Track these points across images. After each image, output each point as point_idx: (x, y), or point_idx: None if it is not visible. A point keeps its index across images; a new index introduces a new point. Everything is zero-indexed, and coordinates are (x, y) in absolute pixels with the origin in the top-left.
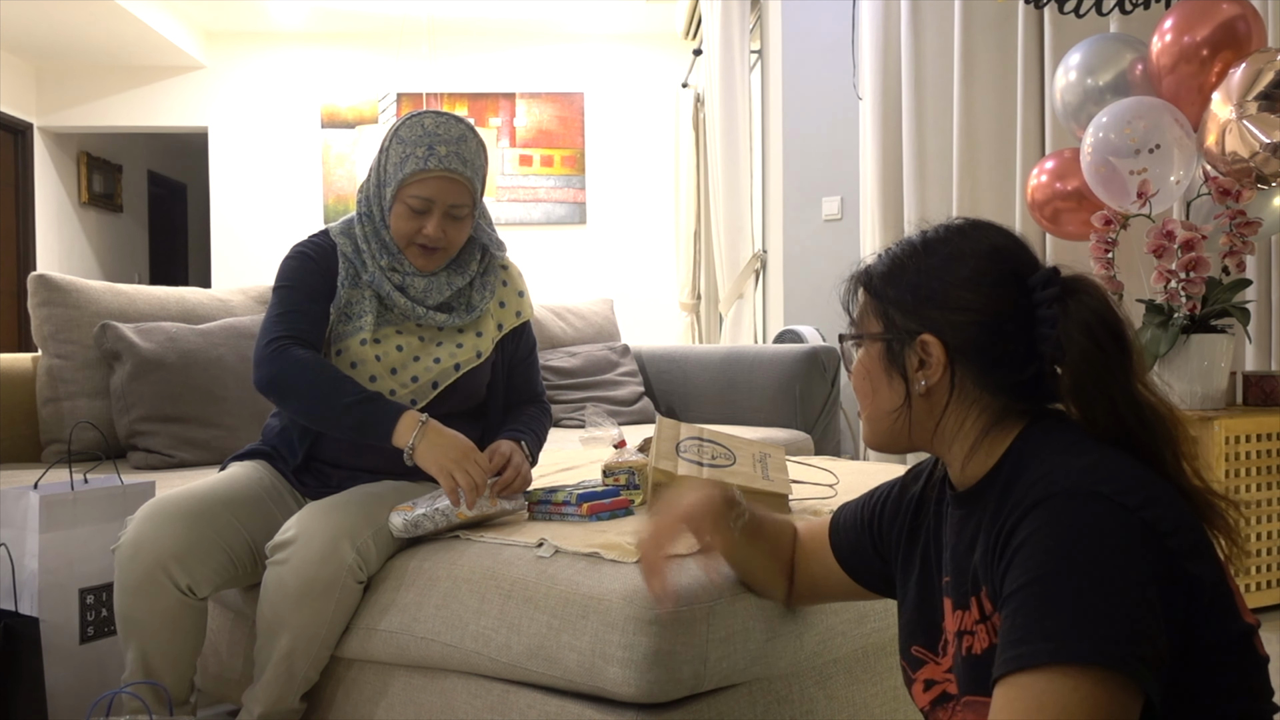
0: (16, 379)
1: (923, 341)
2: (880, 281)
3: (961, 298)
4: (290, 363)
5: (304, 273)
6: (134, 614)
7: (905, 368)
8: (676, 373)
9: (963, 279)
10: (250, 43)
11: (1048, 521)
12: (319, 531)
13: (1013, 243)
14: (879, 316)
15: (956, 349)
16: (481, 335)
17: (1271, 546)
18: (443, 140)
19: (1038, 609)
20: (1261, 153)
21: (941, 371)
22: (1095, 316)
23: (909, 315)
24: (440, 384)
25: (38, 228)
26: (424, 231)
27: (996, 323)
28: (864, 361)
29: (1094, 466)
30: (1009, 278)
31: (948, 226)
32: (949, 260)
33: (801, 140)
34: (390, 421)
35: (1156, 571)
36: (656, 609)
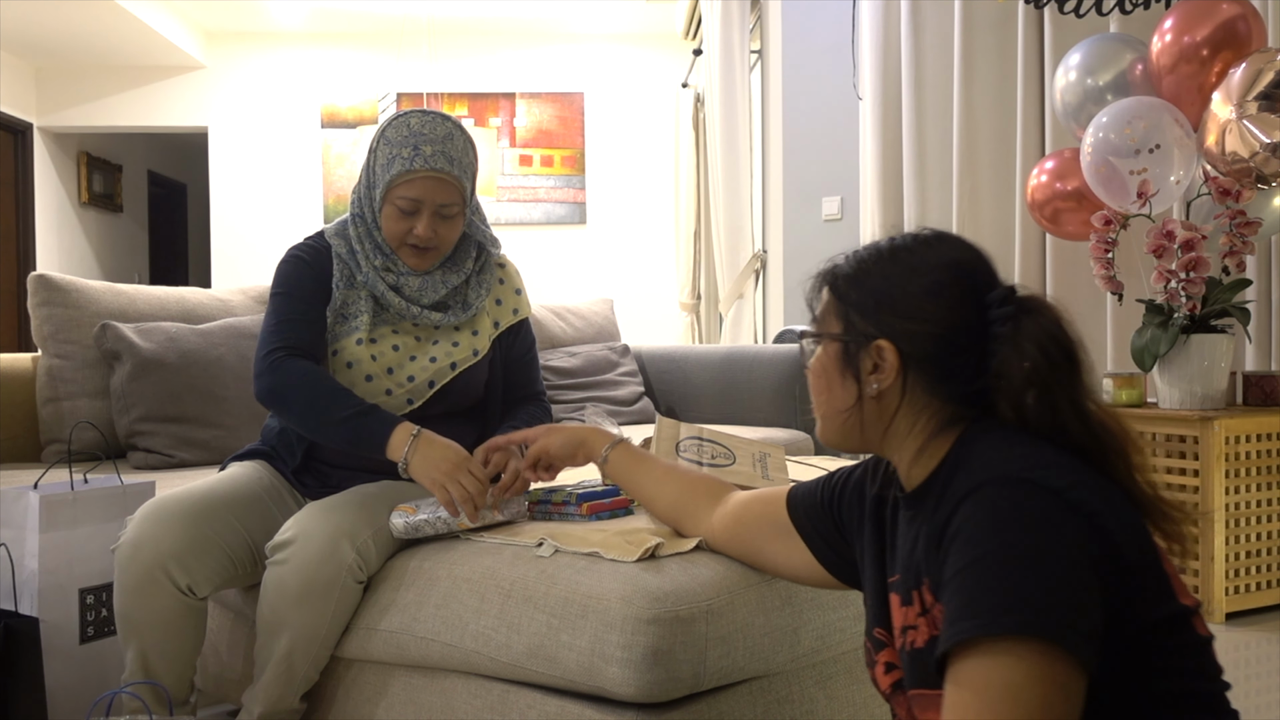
0: (16, 379)
1: (878, 346)
2: (844, 283)
3: (920, 308)
4: (287, 375)
5: (299, 278)
6: (134, 614)
7: (859, 370)
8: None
9: (923, 290)
10: (250, 43)
11: (980, 507)
12: (318, 532)
13: (975, 258)
14: (839, 317)
15: (910, 356)
16: (478, 334)
17: (1271, 546)
18: (428, 140)
19: (974, 588)
20: (1261, 153)
21: (894, 377)
22: (1048, 334)
23: (868, 319)
24: (437, 383)
25: (38, 228)
26: (414, 232)
27: (951, 335)
28: (821, 359)
29: (1024, 455)
30: (968, 293)
31: (915, 236)
32: (912, 270)
33: (801, 140)
34: (384, 434)
35: (1086, 548)
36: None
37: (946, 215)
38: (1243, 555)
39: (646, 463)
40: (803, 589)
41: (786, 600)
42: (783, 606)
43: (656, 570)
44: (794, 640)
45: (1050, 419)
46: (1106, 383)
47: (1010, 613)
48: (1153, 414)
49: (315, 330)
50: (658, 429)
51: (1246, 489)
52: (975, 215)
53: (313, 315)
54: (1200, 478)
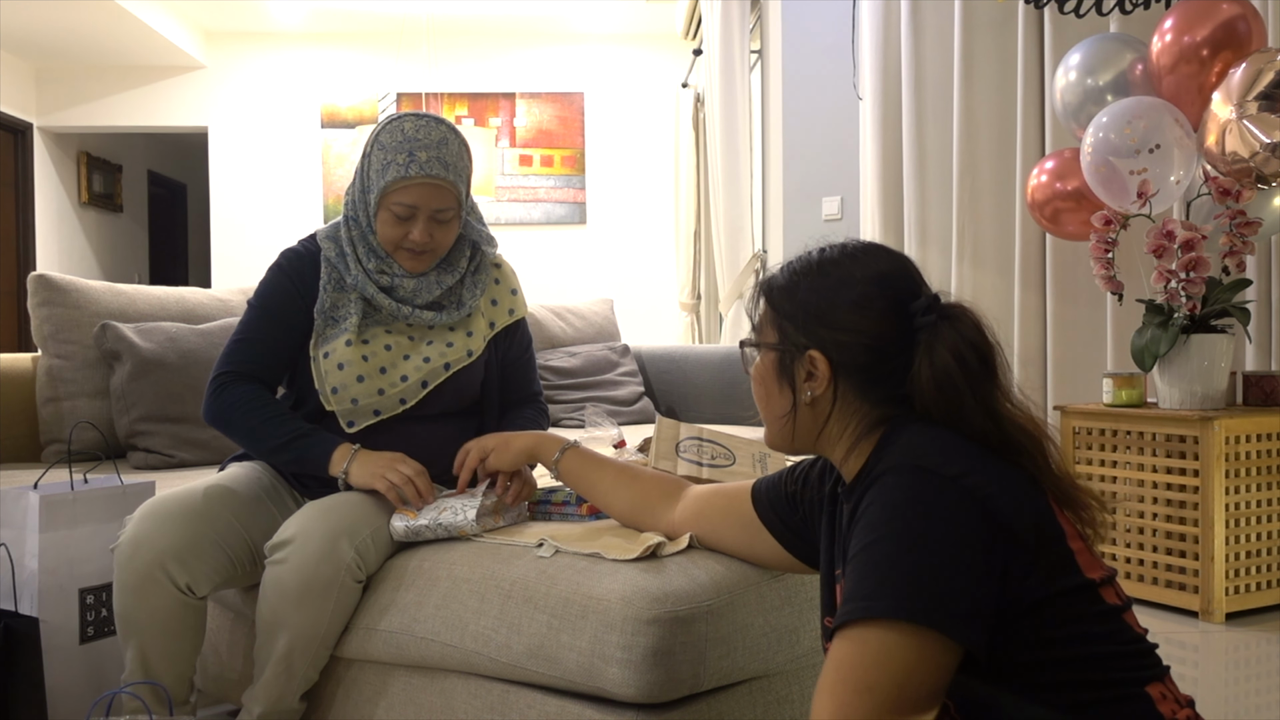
0: (16, 379)
1: (810, 356)
2: (778, 295)
3: (848, 320)
4: (227, 402)
5: (273, 291)
6: (133, 613)
7: (794, 378)
8: (676, 373)
9: (850, 303)
10: (250, 43)
11: (878, 495)
12: (317, 531)
13: (900, 269)
14: (775, 328)
15: (840, 365)
16: (472, 334)
17: (1271, 546)
18: (423, 145)
19: (860, 572)
20: (1261, 153)
21: (826, 384)
22: (964, 340)
23: (800, 330)
24: (430, 383)
25: (38, 228)
26: (410, 237)
27: (879, 344)
28: (759, 367)
29: (924, 445)
30: (892, 304)
31: (843, 248)
32: (839, 284)
33: (801, 140)
34: (325, 453)
35: (974, 532)
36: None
37: (946, 215)
38: (1243, 555)
39: (600, 466)
40: (803, 590)
41: (786, 600)
42: (782, 607)
43: (657, 571)
44: (794, 640)
45: (957, 417)
46: (1107, 383)
47: (883, 598)
48: (1153, 414)
49: (272, 352)
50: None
51: (1246, 489)
52: (975, 215)
53: (275, 335)
54: (1200, 478)
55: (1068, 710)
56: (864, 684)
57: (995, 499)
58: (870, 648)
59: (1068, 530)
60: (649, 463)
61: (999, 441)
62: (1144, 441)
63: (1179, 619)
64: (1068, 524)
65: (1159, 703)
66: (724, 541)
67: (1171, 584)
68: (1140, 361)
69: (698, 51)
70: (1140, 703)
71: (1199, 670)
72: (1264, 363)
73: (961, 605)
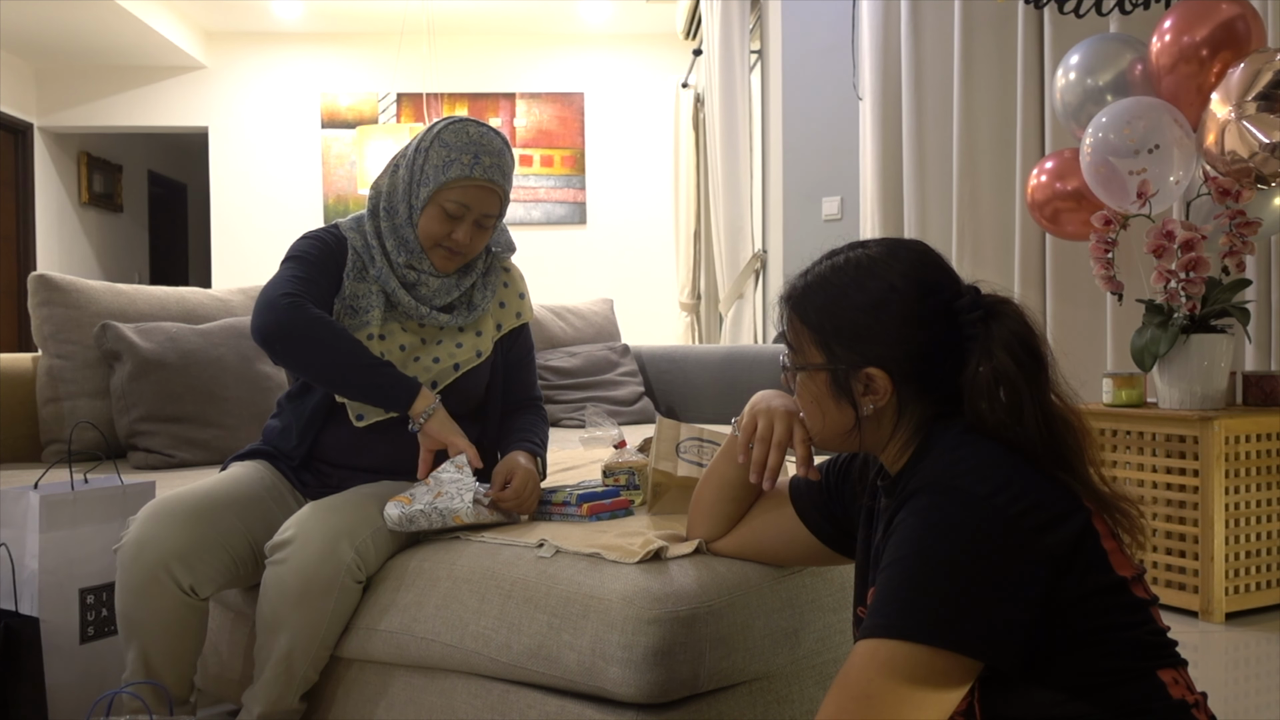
0: (16, 379)
1: (867, 374)
2: (817, 314)
3: (898, 333)
4: (309, 318)
5: (317, 253)
6: (135, 614)
7: (853, 394)
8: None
9: (898, 317)
10: (250, 43)
11: (911, 513)
12: (317, 531)
13: (935, 269)
14: (820, 348)
15: (899, 376)
16: (481, 335)
17: (1271, 546)
18: (488, 151)
19: (884, 589)
20: (1261, 153)
21: (889, 396)
22: (1015, 336)
23: (850, 350)
24: (440, 384)
25: (38, 228)
26: (453, 236)
27: (930, 350)
28: (810, 389)
29: (961, 460)
30: (938, 307)
31: (866, 253)
32: (882, 299)
33: (801, 140)
34: (410, 391)
35: (1000, 553)
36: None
37: (946, 215)
38: (1243, 555)
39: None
40: (804, 592)
41: (787, 602)
42: (783, 608)
43: (657, 571)
44: (794, 642)
45: (1016, 417)
46: (1106, 383)
47: (902, 618)
48: (1153, 414)
49: (326, 298)
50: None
51: (1246, 489)
52: (975, 215)
53: (326, 285)
54: (1200, 478)
55: (1082, 693)
56: (863, 692)
57: (1027, 516)
58: (879, 659)
59: (1101, 530)
60: (649, 463)
61: (1046, 442)
62: (1144, 441)
63: (1179, 619)
64: (1102, 524)
65: (1170, 687)
66: (761, 542)
67: (1171, 584)
68: (1140, 361)
69: (698, 51)
70: (1151, 683)
71: (1199, 670)
72: (1264, 363)
73: (981, 625)
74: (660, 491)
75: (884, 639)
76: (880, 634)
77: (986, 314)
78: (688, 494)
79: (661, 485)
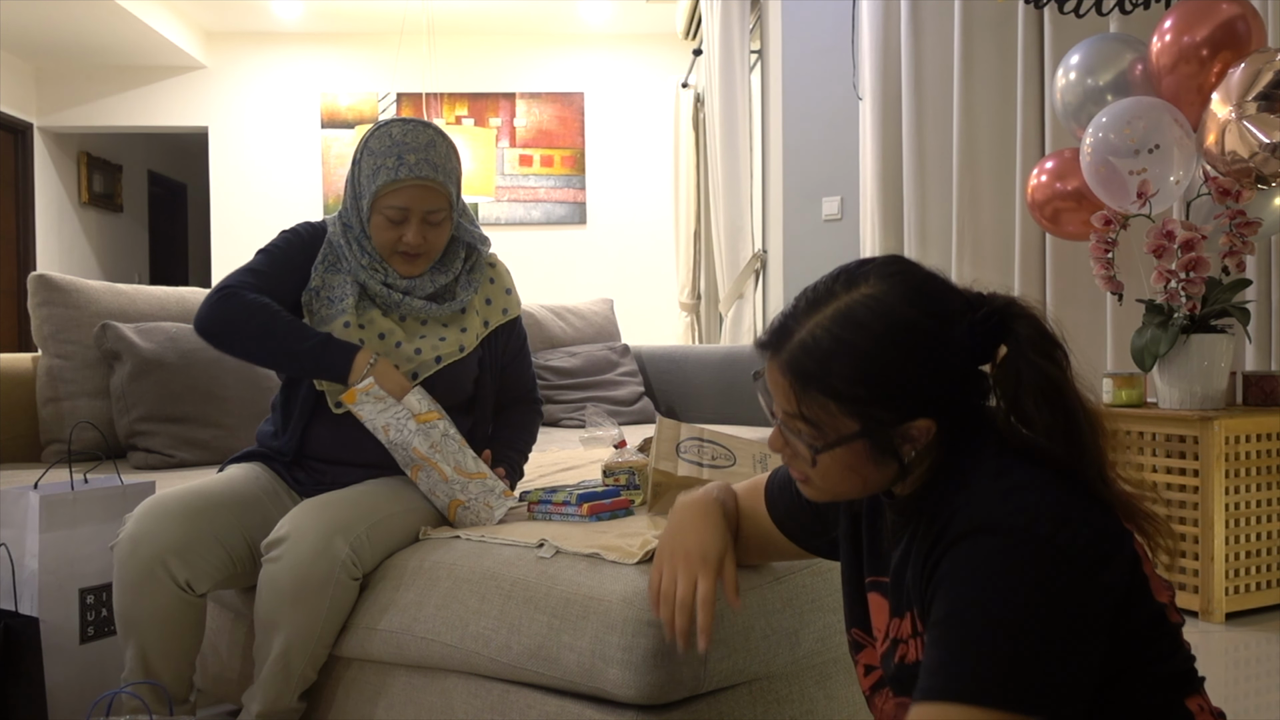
0: (16, 379)
1: (915, 426)
2: (846, 384)
3: (934, 372)
4: (240, 305)
5: (288, 248)
6: (133, 611)
7: (898, 450)
8: (676, 373)
9: (930, 356)
10: (250, 43)
11: (966, 559)
12: (311, 528)
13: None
14: (855, 417)
15: (942, 415)
16: (465, 330)
17: (1271, 546)
18: (411, 148)
19: (945, 646)
20: (1261, 153)
21: (930, 435)
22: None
23: (894, 409)
24: (420, 374)
25: (38, 228)
26: (404, 239)
27: (964, 376)
28: (843, 460)
29: (1010, 494)
30: (961, 336)
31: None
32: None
33: (801, 140)
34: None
35: (1066, 597)
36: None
37: (946, 215)
38: (1243, 555)
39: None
40: (804, 592)
41: (787, 602)
42: (783, 609)
43: None
44: (794, 642)
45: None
46: (1106, 383)
47: (972, 679)
48: (1153, 414)
49: (281, 288)
50: (658, 429)
51: (1246, 489)
52: (975, 215)
53: (286, 282)
54: (1200, 478)
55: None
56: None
57: (1086, 552)
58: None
59: (1140, 553)
60: (649, 463)
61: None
62: (1144, 441)
63: None
64: (1138, 545)
65: (1198, 715)
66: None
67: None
68: (1140, 361)
69: (698, 51)
70: (1180, 714)
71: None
72: (1264, 363)
73: (1051, 682)
74: (660, 491)
75: (948, 702)
76: (943, 697)
77: (1002, 321)
78: None
79: (661, 485)
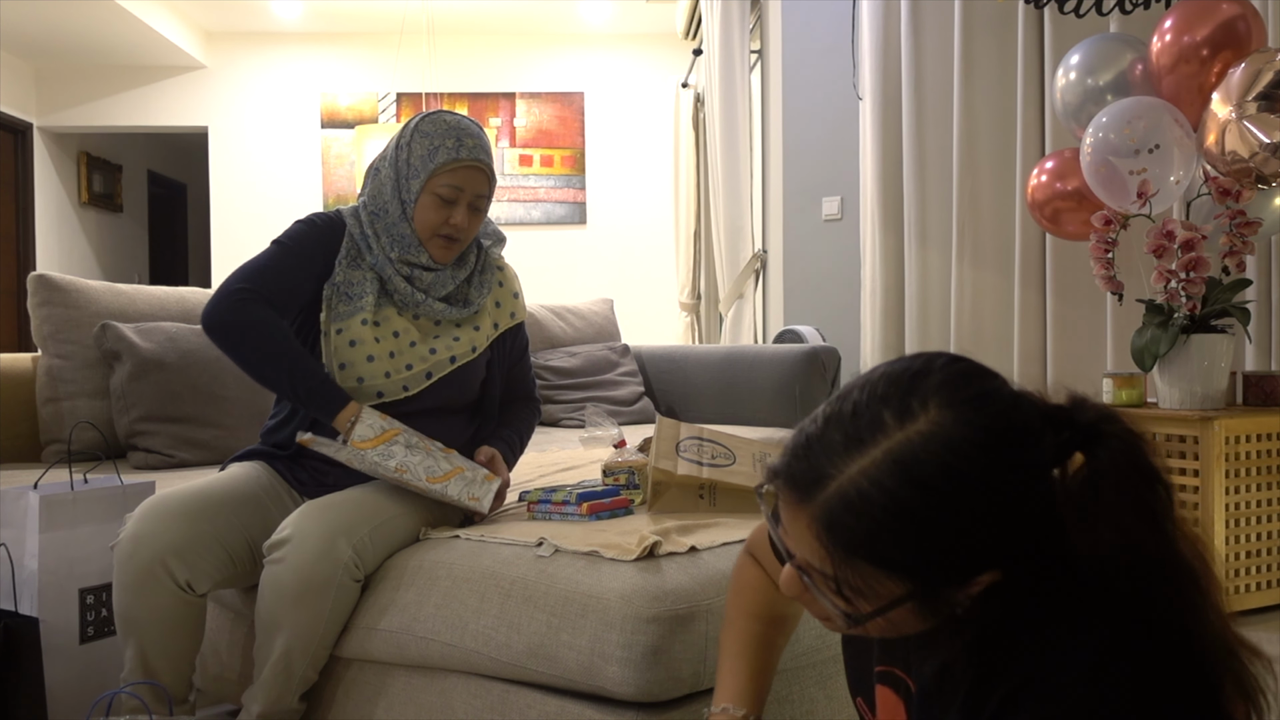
0: (16, 379)
1: (975, 582)
2: (898, 551)
3: (1013, 533)
4: (252, 318)
5: (305, 240)
6: (133, 611)
7: (951, 606)
8: (676, 373)
9: (1009, 519)
10: (250, 43)
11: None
12: (314, 530)
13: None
14: (905, 580)
15: (1013, 565)
16: (479, 330)
17: (1271, 546)
18: (468, 134)
19: None
20: (1261, 153)
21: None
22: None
23: (956, 572)
24: (434, 374)
25: (38, 228)
26: (451, 221)
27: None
28: (894, 620)
29: (1091, 677)
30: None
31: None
32: (972, 502)
33: (801, 140)
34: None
35: None
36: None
37: (946, 215)
38: (1243, 555)
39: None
40: None
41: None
42: None
43: (656, 570)
44: (794, 640)
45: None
46: (1107, 383)
47: None
48: (1153, 414)
49: (294, 291)
50: (658, 429)
51: (1246, 489)
52: (975, 215)
53: (297, 275)
54: (1200, 478)
55: None
56: None
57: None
58: None
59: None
60: (649, 462)
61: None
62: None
63: None
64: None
65: None
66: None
67: None
68: (1140, 361)
69: (698, 51)
70: None
71: None
72: (1264, 363)
73: None
74: (660, 490)
75: None
76: None
77: (1085, 440)
78: (688, 493)
79: (661, 484)
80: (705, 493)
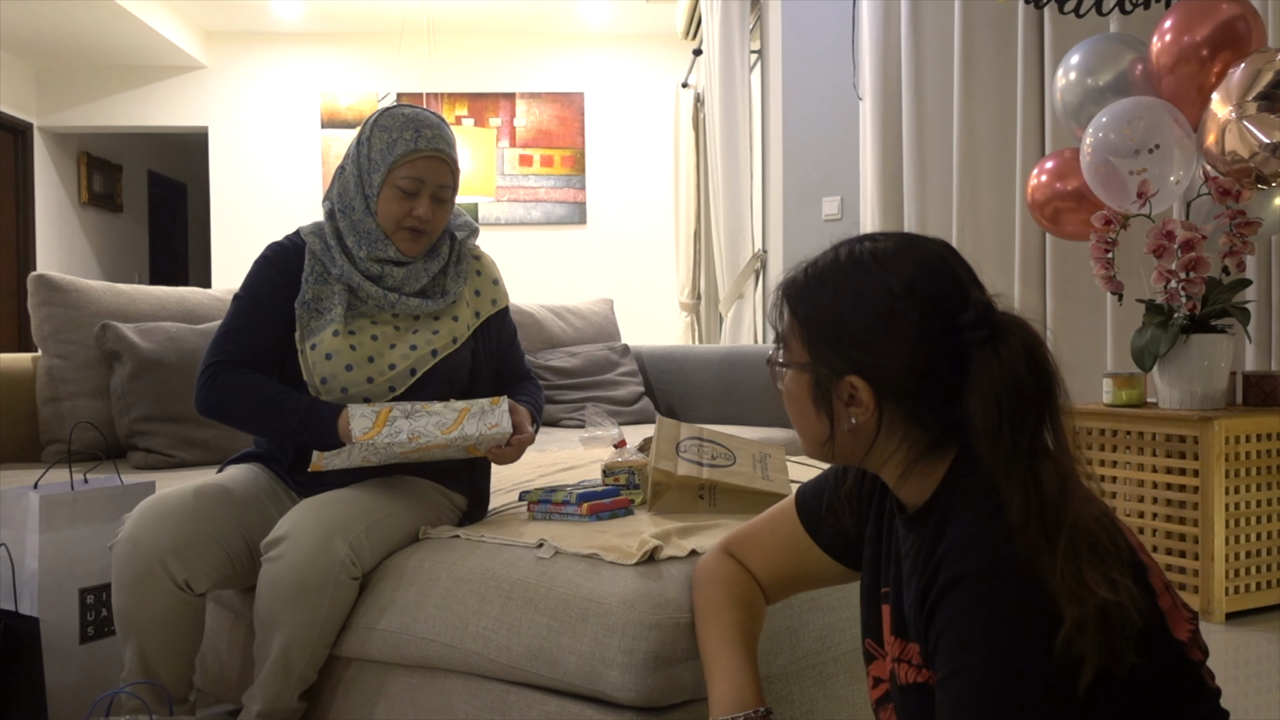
0: (16, 379)
1: (850, 382)
2: (807, 310)
3: (884, 342)
4: (224, 389)
5: (259, 282)
6: (132, 611)
7: (832, 403)
8: (676, 373)
9: (889, 324)
10: (250, 43)
11: (965, 607)
12: (311, 528)
13: (945, 277)
14: (806, 346)
15: (884, 390)
16: (458, 320)
17: (1271, 546)
18: (426, 124)
19: (956, 704)
20: (1261, 153)
21: (871, 412)
22: (1023, 364)
23: (835, 353)
24: (418, 370)
25: (38, 228)
26: (414, 213)
27: (924, 365)
28: (792, 387)
29: (1002, 533)
30: (937, 319)
31: (874, 252)
32: (876, 301)
33: (801, 140)
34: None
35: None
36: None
37: (946, 215)
38: (1243, 555)
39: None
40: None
41: (786, 603)
42: (783, 609)
43: (657, 574)
44: (794, 642)
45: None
46: (1106, 383)
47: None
48: (1153, 414)
49: (260, 340)
50: (658, 429)
51: (1246, 489)
52: (975, 215)
53: (263, 324)
54: (1200, 478)
55: None
56: None
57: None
58: None
59: (1156, 587)
60: (649, 462)
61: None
62: (1144, 441)
63: None
64: (1155, 578)
65: None
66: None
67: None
68: (1140, 361)
69: (698, 51)
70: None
71: None
72: (1264, 363)
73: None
74: (660, 491)
75: None
76: None
77: (993, 333)
78: (688, 493)
79: (661, 485)
80: (705, 493)
